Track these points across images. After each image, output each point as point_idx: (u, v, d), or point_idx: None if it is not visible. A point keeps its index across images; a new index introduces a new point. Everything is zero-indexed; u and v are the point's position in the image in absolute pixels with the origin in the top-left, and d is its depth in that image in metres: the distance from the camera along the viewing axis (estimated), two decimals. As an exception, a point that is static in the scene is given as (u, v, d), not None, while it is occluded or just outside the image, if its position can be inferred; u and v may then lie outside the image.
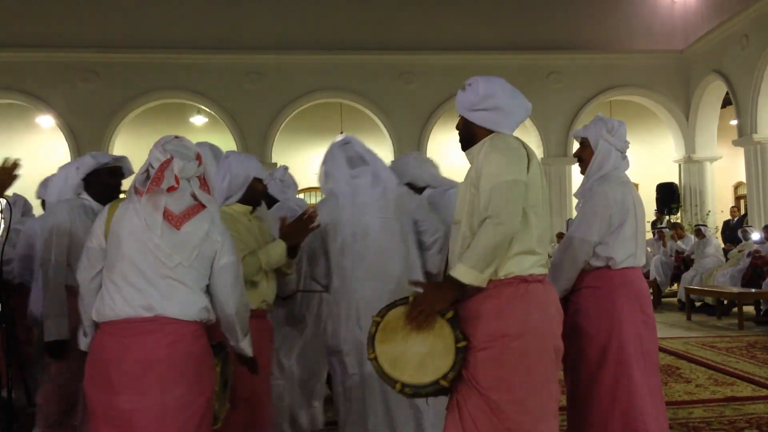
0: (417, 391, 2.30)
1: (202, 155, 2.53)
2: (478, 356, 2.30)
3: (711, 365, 6.29)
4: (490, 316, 2.32)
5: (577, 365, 3.17)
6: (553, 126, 15.36)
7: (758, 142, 13.17)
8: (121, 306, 2.33)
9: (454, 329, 2.30)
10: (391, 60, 15.06)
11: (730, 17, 13.62)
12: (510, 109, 2.51)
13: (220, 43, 14.68)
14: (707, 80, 14.83)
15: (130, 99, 14.62)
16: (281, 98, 14.97)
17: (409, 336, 2.31)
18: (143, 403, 2.28)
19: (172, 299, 2.34)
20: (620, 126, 3.30)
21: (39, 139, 15.64)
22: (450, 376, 2.27)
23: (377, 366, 2.32)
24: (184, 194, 2.44)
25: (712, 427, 4.34)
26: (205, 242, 2.42)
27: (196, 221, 2.43)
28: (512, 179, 2.33)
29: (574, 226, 3.26)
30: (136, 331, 2.31)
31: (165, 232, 2.37)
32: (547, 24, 15.33)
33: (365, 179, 3.32)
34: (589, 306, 3.17)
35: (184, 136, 2.62)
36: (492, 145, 2.43)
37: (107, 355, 2.33)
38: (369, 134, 16.41)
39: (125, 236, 2.38)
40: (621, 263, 3.17)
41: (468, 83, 2.57)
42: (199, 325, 2.42)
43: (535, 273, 2.39)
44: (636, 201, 3.29)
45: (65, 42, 14.19)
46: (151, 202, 2.39)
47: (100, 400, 2.32)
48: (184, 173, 2.44)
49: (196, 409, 2.37)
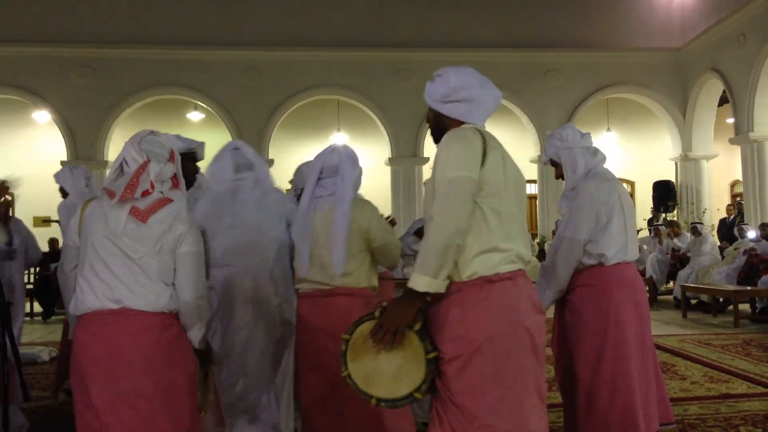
0: (393, 404, 2.29)
1: (174, 151, 2.60)
2: (448, 366, 2.23)
3: (706, 362, 6.31)
4: (454, 323, 2.23)
5: (576, 364, 3.18)
6: (551, 124, 15.33)
7: (755, 140, 13.20)
8: (91, 300, 2.42)
9: (423, 341, 2.25)
10: (389, 57, 15.04)
11: (727, 15, 13.63)
12: (481, 100, 2.42)
13: (217, 39, 14.65)
14: (704, 78, 14.84)
15: (126, 94, 14.58)
16: (278, 94, 14.94)
17: (380, 352, 2.27)
18: (113, 391, 2.35)
19: (138, 292, 2.41)
20: (564, 131, 3.35)
21: (35, 135, 15.60)
22: (423, 388, 2.25)
23: (352, 383, 2.32)
24: (155, 194, 2.50)
25: (708, 424, 4.35)
26: (168, 234, 2.47)
27: (162, 214, 2.47)
28: (453, 176, 2.21)
29: (562, 227, 3.26)
30: (103, 322, 2.39)
31: (130, 226, 2.43)
32: (545, 21, 15.33)
33: (247, 182, 3.55)
34: (584, 304, 3.17)
35: (158, 131, 2.66)
36: (444, 139, 2.35)
37: (80, 347, 2.42)
38: (366, 131, 16.43)
39: (93, 233, 2.46)
40: (613, 259, 3.18)
41: (437, 74, 2.48)
42: (166, 315, 2.46)
43: (501, 271, 2.26)
44: (622, 196, 3.28)
45: (61, 37, 14.15)
46: (121, 203, 2.46)
47: (78, 388, 2.42)
48: (160, 177, 2.50)
49: (170, 395, 2.41)
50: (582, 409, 3.15)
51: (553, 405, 4.04)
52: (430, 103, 2.49)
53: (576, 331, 3.17)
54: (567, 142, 3.30)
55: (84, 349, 2.40)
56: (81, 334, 2.43)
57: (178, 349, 2.49)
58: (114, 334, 2.38)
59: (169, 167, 2.53)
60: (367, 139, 16.52)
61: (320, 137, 16.12)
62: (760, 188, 13.16)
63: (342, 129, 16.65)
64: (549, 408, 2.73)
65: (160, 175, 2.50)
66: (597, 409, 3.09)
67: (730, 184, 18.14)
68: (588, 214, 3.15)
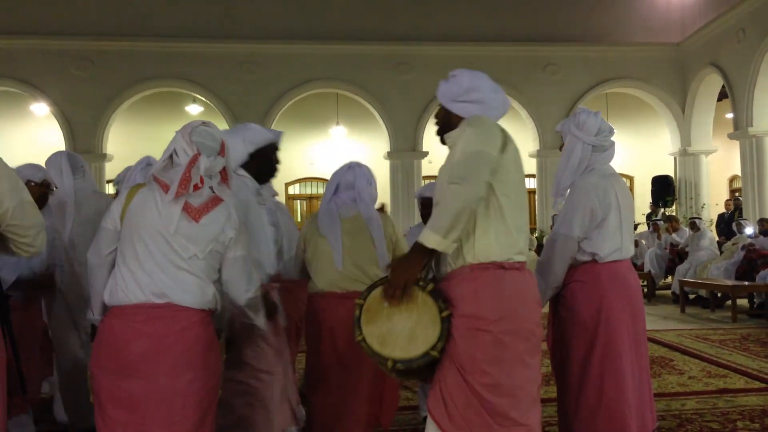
0: (408, 365, 2.31)
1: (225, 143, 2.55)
2: (454, 336, 2.32)
3: (704, 357, 6.32)
4: (466, 298, 2.33)
5: (567, 359, 3.18)
6: (549, 118, 15.34)
7: (753, 135, 13.21)
8: (134, 291, 2.36)
9: (436, 300, 2.32)
10: (388, 50, 15.02)
11: (726, 10, 13.62)
12: (492, 103, 2.52)
13: (216, 31, 14.61)
14: (703, 73, 14.84)
15: (125, 87, 14.55)
16: (277, 88, 14.92)
17: (393, 313, 2.32)
18: (152, 388, 2.31)
19: (184, 287, 2.38)
20: (588, 118, 3.23)
21: (33, 127, 15.58)
22: (439, 346, 2.29)
23: (366, 347, 2.34)
24: (205, 188, 2.45)
25: (705, 418, 4.36)
26: (220, 236, 2.45)
27: (214, 214, 2.45)
28: (474, 149, 2.32)
29: (557, 223, 3.25)
30: (147, 316, 2.34)
31: (183, 224, 2.39)
32: (544, 15, 15.30)
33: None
34: (576, 300, 3.17)
35: (211, 122, 2.61)
36: (469, 122, 2.44)
37: (117, 339, 2.35)
38: (365, 125, 16.43)
39: (143, 223, 2.39)
40: (607, 257, 3.15)
41: (452, 74, 2.57)
42: (207, 313, 2.46)
43: (513, 260, 2.39)
44: (620, 193, 3.22)
45: (60, 29, 14.12)
46: (165, 193, 2.42)
47: (107, 381, 2.35)
48: (209, 171, 2.45)
49: (203, 395, 2.41)
50: (572, 405, 3.15)
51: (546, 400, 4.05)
52: (442, 101, 2.57)
53: (568, 327, 3.17)
54: (580, 130, 3.22)
55: (125, 343, 2.33)
56: (120, 326, 2.36)
57: (215, 350, 2.50)
58: (160, 329, 2.34)
59: (219, 161, 2.48)
60: (366, 132, 16.52)
61: (319, 130, 16.13)
62: (759, 183, 13.17)
63: (341, 122, 16.64)
64: (543, 403, 2.76)
65: (210, 169, 2.44)
66: (585, 405, 3.10)
67: (728, 179, 18.16)
68: (583, 210, 3.13)
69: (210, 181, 2.47)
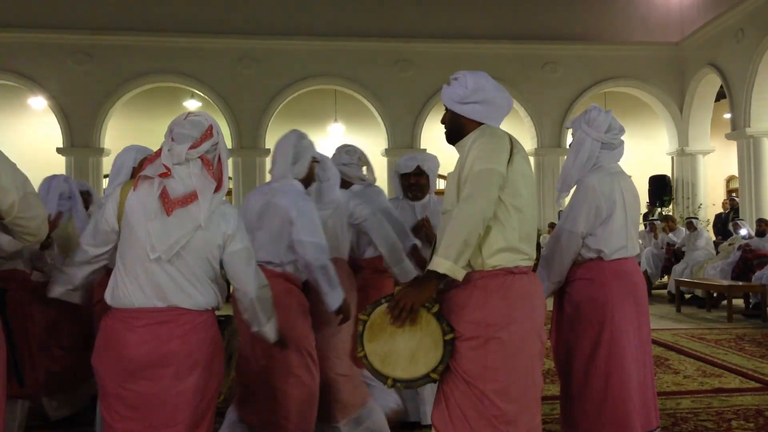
0: (408, 385, 2.33)
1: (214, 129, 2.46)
2: (464, 346, 2.32)
3: (700, 357, 6.34)
4: (475, 306, 2.34)
5: (571, 356, 3.18)
6: (548, 117, 15.36)
7: (751, 135, 13.22)
8: (137, 296, 2.35)
9: (440, 322, 2.31)
10: (387, 47, 15.00)
11: (725, 11, 13.62)
12: (497, 102, 2.52)
13: (215, 26, 14.58)
14: (702, 73, 14.84)
15: (123, 82, 14.51)
16: (275, 84, 14.90)
17: (396, 333, 2.32)
18: (157, 389, 2.33)
19: (186, 290, 2.36)
20: (599, 115, 3.23)
21: (31, 121, 15.51)
22: (440, 369, 2.30)
23: (367, 363, 2.35)
24: (180, 176, 2.38)
25: (700, 418, 4.37)
26: (215, 235, 2.41)
27: (191, 209, 2.37)
28: (482, 168, 2.33)
29: (562, 219, 3.26)
30: (151, 321, 2.34)
31: (157, 218, 2.34)
32: (543, 14, 15.30)
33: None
34: (581, 297, 3.17)
35: (204, 112, 2.57)
36: (481, 133, 2.45)
37: (120, 343, 2.35)
38: (363, 121, 16.41)
39: (136, 224, 2.37)
40: (612, 254, 3.16)
41: (454, 77, 2.57)
42: (210, 313, 2.46)
43: (521, 265, 2.41)
44: (626, 191, 3.24)
45: (59, 23, 14.07)
46: (147, 188, 2.39)
47: (111, 381, 2.37)
48: (178, 157, 2.37)
49: (206, 393, 2.43)
50: (576, 401, 3.16)
51: (547, 397, 4.06)
52: (447, 104, 2.57)
53: (573, 323, 3.18)
54: (590, 127, 3.22)
55: (128, 348, 2.33)
56: (122, 330, 2.35)
57: (218, 350, 2.49)
58: (164, 334, 2.33)
59: (183, 148, 2.37)
60: (364, 129, 16.50)
61: (317, 127, 16.08)
62: (756, 183, 13.19)
63: (339, 119, 16.62)
64: (543, 400, 2.77)
65: (178, 155, 2.36)
66: (590, 402, 3.10)
67: (725, 179, 18.17)
68: (588, 207, 3.14)
69: (185, 169, 2.37)
